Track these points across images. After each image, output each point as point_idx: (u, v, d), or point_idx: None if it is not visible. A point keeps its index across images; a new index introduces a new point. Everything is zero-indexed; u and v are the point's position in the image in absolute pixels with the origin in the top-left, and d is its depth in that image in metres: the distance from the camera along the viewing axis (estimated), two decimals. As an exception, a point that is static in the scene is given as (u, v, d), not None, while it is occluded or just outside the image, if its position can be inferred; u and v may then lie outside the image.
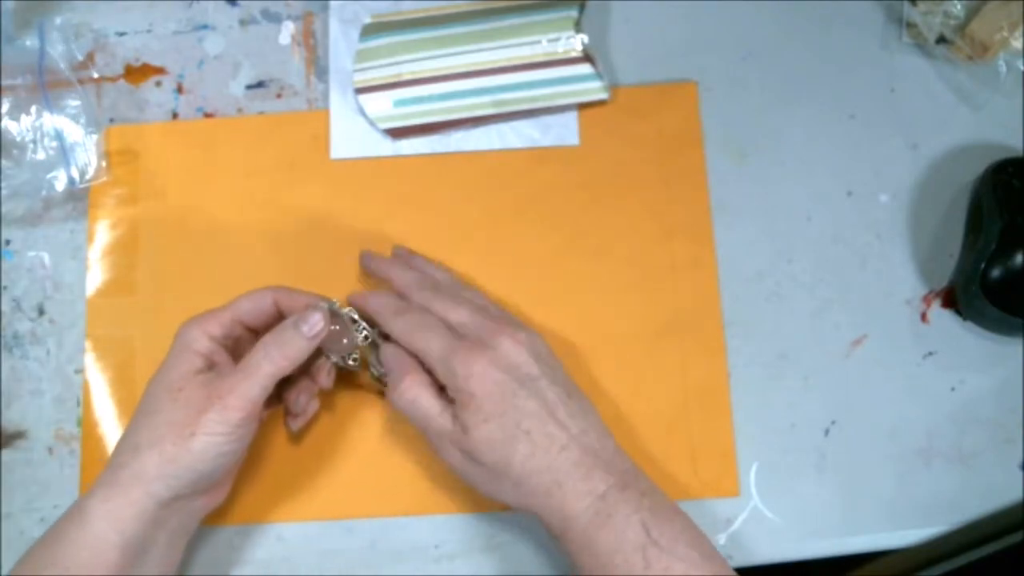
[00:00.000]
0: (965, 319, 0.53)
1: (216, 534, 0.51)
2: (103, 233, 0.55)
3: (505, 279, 0.54)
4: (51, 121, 0.54)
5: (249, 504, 0.51)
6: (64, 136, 0.54)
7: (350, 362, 0.49)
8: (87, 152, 0.54)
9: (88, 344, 0.53)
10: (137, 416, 0.44)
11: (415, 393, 0.44)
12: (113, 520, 0.41)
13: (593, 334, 0.53)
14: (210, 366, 0.45)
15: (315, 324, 0.45)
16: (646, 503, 0.41)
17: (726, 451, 0.51)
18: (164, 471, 0.42)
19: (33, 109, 0.54)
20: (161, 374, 0.45)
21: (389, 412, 0.52)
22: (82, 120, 0.54)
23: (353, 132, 0.56)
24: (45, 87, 0.54)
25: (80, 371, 0.53)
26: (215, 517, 0.50)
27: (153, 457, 0.42)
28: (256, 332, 0.48)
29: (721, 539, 0.50)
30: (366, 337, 0.49)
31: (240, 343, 0.48)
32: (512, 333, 0.44)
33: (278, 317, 0.48)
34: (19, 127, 0.54)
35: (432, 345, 0.45)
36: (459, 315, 0.46)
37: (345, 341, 0.48)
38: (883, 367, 0.53)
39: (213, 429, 0.42)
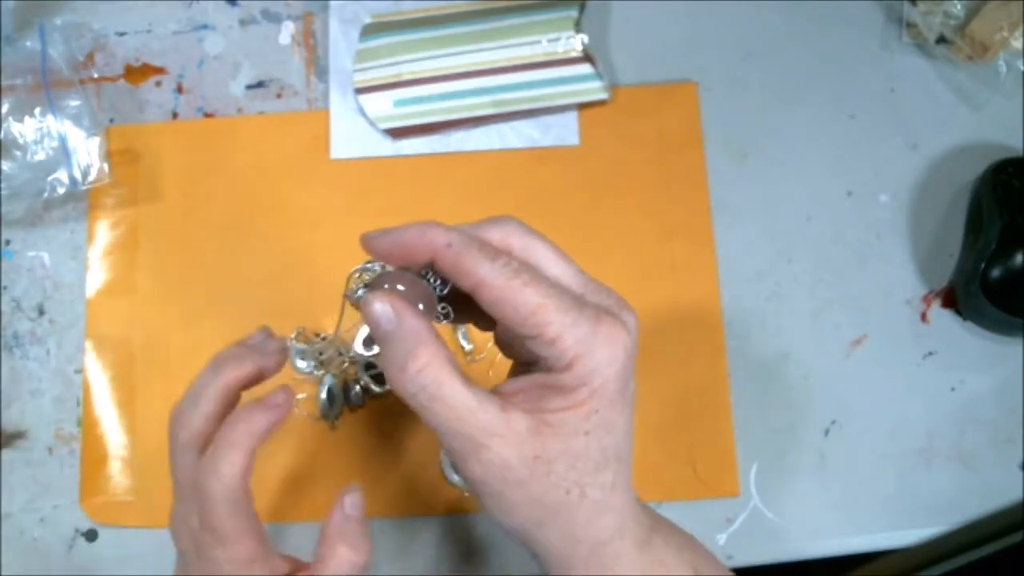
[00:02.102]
0: (965, 319, 0.53)
1: (216, 534, 0.51)
2: (103, 233, 0.55)
3: (505, 279, 0.54)
4: (53, 122, 0.54)
5: (249, 504, 0.51)
6: (66, 138, 0.54)
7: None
8: (89, 154, 0.54)
9: (88, 344, 0.53)
10: None
11: (437, 374, 0.31)
12: None
13: (593, 334, 0.53)
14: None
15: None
16: (684, 547, 0.37)
17: (726, 451, 0.51)
18: None
19: (36, 110, 0.54)
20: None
21: (392, 411, 0.52)
22: (83, 121, 0.54)
23: (353, 132, 0.56)
24: (49, 87, 0.54)
25: (80, 371, 0.53)
26: (215, 517, 0.50)
27: None
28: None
29: (721, 539, 0.50)
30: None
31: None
32: (630, 307, 0.34)
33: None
34: (20, 128, 0.54)
35: (550, 302, 0.31)
36: (562, 265, 0.33)
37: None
38: (883, 367, 0.53)
39: None
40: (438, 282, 0.34)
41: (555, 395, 0.31)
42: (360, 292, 0.34)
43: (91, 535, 0.51)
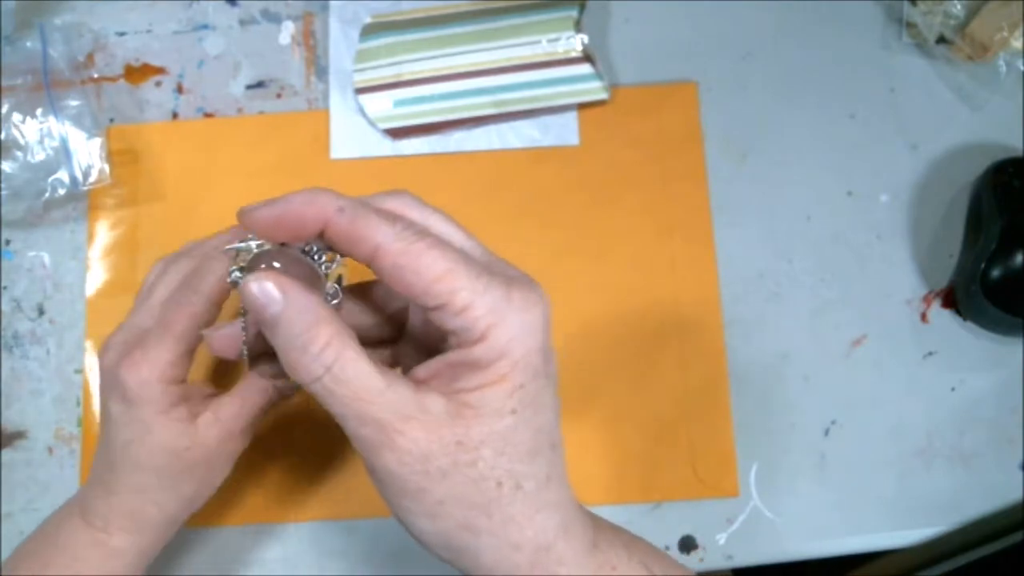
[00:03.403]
0: (965, 319, 0.53)
1: (216, 534, 0.50)
2: (103, 233, 0.55)
3: (505, 279, 0.54)
4: (54, 122, 0.54)
5: (249, 504, 0.51)
6: (67, 138, 0.54)
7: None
8: (90, 155, 0.54)
9: (88, 344, 0.53)
10: None
11: (341, 351, 0.28)
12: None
13: (593, 334, 0.53)
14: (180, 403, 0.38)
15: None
16: (632, 546, 0.33)
17: (726, 451, 0.51)
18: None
19: (37, 111, 0.54)
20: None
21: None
22: (84, 121, 0.54)
23: (353, 132, 0.56)
24: (50, 88, 0.54)
25: (80, 371, 0.53)
26: (215, 517, 0.50)
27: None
28: None
29: (721, 539, 0.50)
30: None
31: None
32: (536, 282, 0.31)
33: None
34: (20, 128, 0.54)
35: (459, 267, 0.28)
36: (464, 237, 0.31)
37: None
38: (883, 367, 0.53)
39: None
40: (323, 261, 0.30)
41: (471, 372, 0.28)
42: (235, 275, 0.29)
43: (91, 535, 0.51)
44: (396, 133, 0.56)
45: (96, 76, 0.57)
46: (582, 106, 0.56)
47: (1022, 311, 0.51)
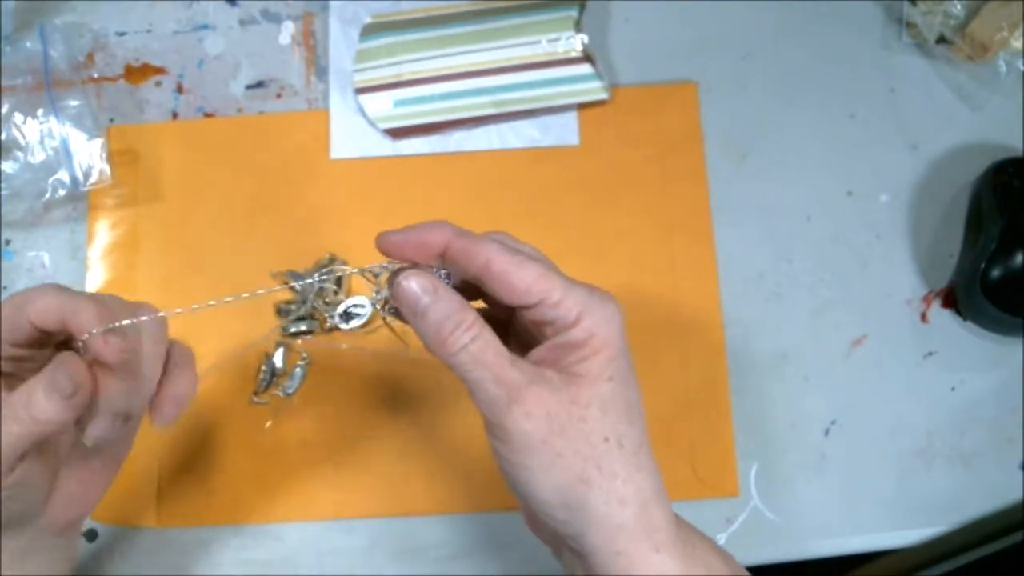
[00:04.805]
0: (965, 319, 0.53)
1: (216, 534, 0.51)
2: (103, 233, 0.55)
3: (505, 279, 0.54)
4: (55, 123, 0.54)
5: (249, 504, 0.51)
6: (67, 139, 0.54)
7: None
8: (91, 155, 0.54)
9: (88, 344, 0.53)
10: None
11: (480, 330, 0.34)
12: None
13: (593, 334, 0.53)
14: None
15: (63, 386, 0.34)
16: (704, 541, 0.37)
17: (726, 451, 0.51)
18: None
19: (38, 111, 0.54)
20: None
21: (391, 412, 0.52)
22: (85, 122, 0.54)
23: (353, 132, 0.56)
24: (51, 88, 0.54)
25: (80, 371, 0.53)
26: (215, 517, 0.50)
27: None
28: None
29: (721, 539, 0.50)
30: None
31: (30, 359, 0.38)
32: None
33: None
34: (21, 128, 0.54)
35: (551, 274, 0.35)
36: (547, 260, 0.38)
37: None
38: (883, 367, 0.53)
39: None
40: (447, 277, 0.37)
41: (573, 350, 0.34)
42: (377, 296, 0.37)
43: (91, 535, 0.51)
44: (396, 133, 0.56)
45: (96, 76, 0.57)
46: (582, 106, 0.56)
47: (1022, 311, 0.51)
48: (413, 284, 0.35)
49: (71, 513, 0.40)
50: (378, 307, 0.37)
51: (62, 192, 0.54)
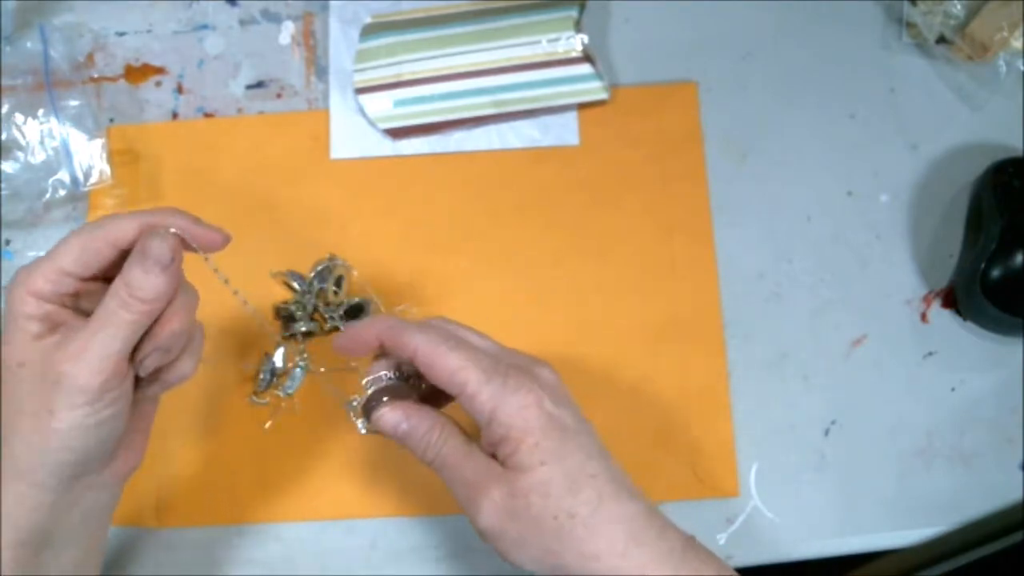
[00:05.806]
0: (965, 319, 0.53)
1: (216, 534, 0.51)
2: (103, 233, 0.55)
3: (505, 279, 0.54)
4: (55, 123, 0.54)
5: (249, 504, 0.51)
6: (68, 139, 0.54)
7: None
8: (91, 155, 0.54)
9: (88, 344, 0.53)
10: None
11: (445, 442, 0.39)
12: (4, 518, 0.36)
13: (593, 334, 0.53)
14: (53, 328, 0.36)
15: (160, 254, 0.36)
16: (707, 553, 0.38)
17: (726, 451, 0.51)
18: (37, 461, 0.36)
19: (39, 111, 0.54)
20: None
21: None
22: (85, 122, 0.54)
23: (353, 132, 0.56)
24: (51, 88, 0.54)
25: (80, 371, 0.53)
26: (215, 517, 0.50)
27: (20, 447, 0.36)
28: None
29: (721, 539, 0.50)
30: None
31: (91, 295, 0.38)
32: (544, 363, 0.40)
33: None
34: (21, 128, 0.54)
35: (469, 364, 0.37)
36: (482, 340, 0.40)
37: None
38: (883, 367, 0.53)
39: (72, 402, 0.35)
40: (420, 382, 0.41)
41: (497, 446, 0.37)
42: (362, 425, 0.42)
43: (91, 535, 0.51)
44: (396, 133, 0.56)
45: (96, 76, 0.58)
46: (582, 106, 0.56)
47: (1022, 311, 0.51)
48: (387, 418, 0.39)
49: (129, 463, 0.41)
50: (356, 420, 0.42)
51: (62, 192, 0.54)
